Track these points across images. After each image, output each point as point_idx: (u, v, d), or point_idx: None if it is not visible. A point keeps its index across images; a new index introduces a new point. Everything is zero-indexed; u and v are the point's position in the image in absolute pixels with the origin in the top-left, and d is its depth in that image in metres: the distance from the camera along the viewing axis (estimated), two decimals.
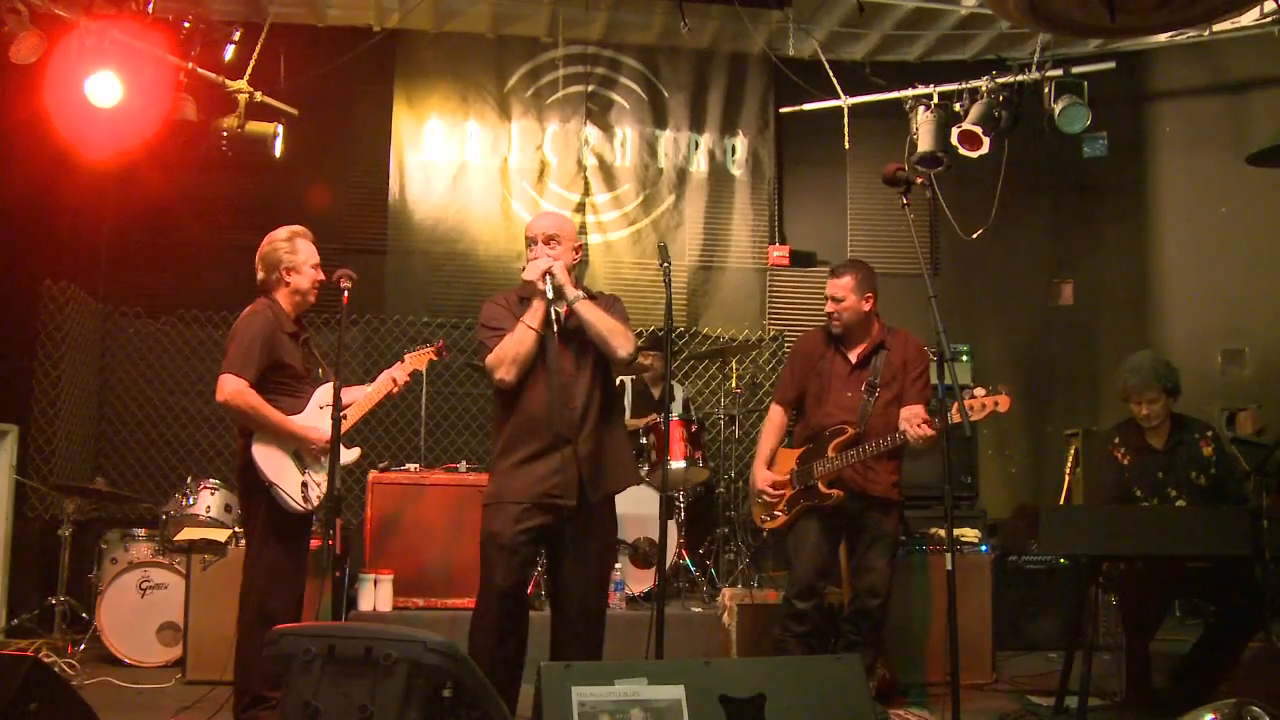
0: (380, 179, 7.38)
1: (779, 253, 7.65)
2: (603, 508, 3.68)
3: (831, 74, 6.89)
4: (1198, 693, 4.04)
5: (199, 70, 5.70)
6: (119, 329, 6.90)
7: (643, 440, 5.86)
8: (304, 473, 3.84)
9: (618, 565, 5.22)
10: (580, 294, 3.62)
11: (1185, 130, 7.43)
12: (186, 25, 5.72)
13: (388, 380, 4.15)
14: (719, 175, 7.72)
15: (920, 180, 4.07)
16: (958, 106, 6.52)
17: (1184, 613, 5.88)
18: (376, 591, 5.03)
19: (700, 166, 7.72)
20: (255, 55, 5.89)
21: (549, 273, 3.56)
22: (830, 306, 4.30)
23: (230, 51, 5.91)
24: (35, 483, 6.01)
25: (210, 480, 5.52)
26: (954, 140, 6.38)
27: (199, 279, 6.90)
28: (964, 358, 6.92)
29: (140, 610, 5.13)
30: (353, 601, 4.99)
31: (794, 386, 4.47)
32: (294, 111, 6.13)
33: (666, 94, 7.72)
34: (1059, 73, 6.45)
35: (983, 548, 5.32)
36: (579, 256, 3.77)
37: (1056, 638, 5.61)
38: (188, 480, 5.57)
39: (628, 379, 6.31)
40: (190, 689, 4.62)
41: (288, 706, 2.53)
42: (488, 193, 7.48)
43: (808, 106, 7.18)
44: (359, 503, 6.10)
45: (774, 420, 4.50)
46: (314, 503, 3.86)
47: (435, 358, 4.45)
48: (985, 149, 6.37)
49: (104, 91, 5.22)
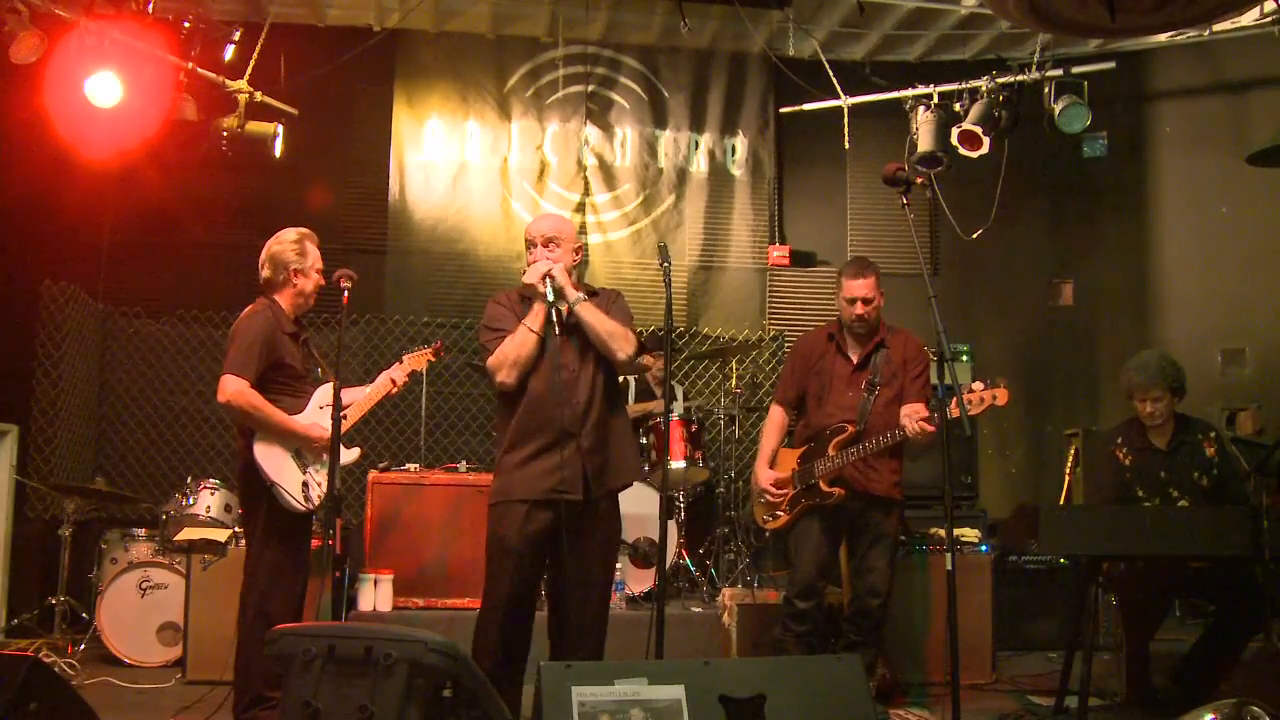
0: (380, 179, 7.38)
1: (779, 253, 7.65)
2: (607, 505, 3.68)
3: (831, 74, 6.88)
4: (1198, 693, 4.04)
5: (199, 70, 5.70)
6: (119, 329, 6.90)
7: (643, 440, 5.86)
8: (305, 472, 3.84)
9: (618, 565, 5.22)
10: (581, 296, 3.62)
11: (1185, 130, 7.43)
12: (186, 25, 5.71)
13: (386, 381, 4.17)
14: (719, 175, 7.72)
15: (920, 180, 4.09)
16: (958, 106, 6.51)
17: (1184, 613, 5.87)
18: (376, 591, 5.03)
19: (700, 166, 7.72)
20: (255, 55, 5.88)
21: (549, 275, 3.57)
22: (860, 309, 4.26)
23: (230, 51, 5.90)
24: (35, 482, 6.01)
25: (210, 480, 5.53)
26: (954, 140, 6.37)
27: (199, 279, 6.91)
28: (964, 358, 6.91)
29: (140, 610, 5.13)
30: (352, 601, 4.99)
31: (794, 386, 4.47)
32: (294, 111, 6.13)
33: (666, 94, 7.72)
34: (1059, 72, 6.44)
35: (983, 548, 5.32)
36: (579, 257, 3.77)
37: (1056, 638, 5.61)
38: (188, 480, 5.58)
39: (631, 378, 6.31)
40: (190, 689, 4.62)
41: (288, 706, 2.54)
42: (488, 193, 7.48)
43: (808, 106, 7.18)
44: (359, 502, 6.10)
45: (775, 420, 4.51)
46: (315, 502, 3.86)
47: (434, 358, 4.46)
48: (985, 149, 6.37)
49: (104, 91, 5.22)
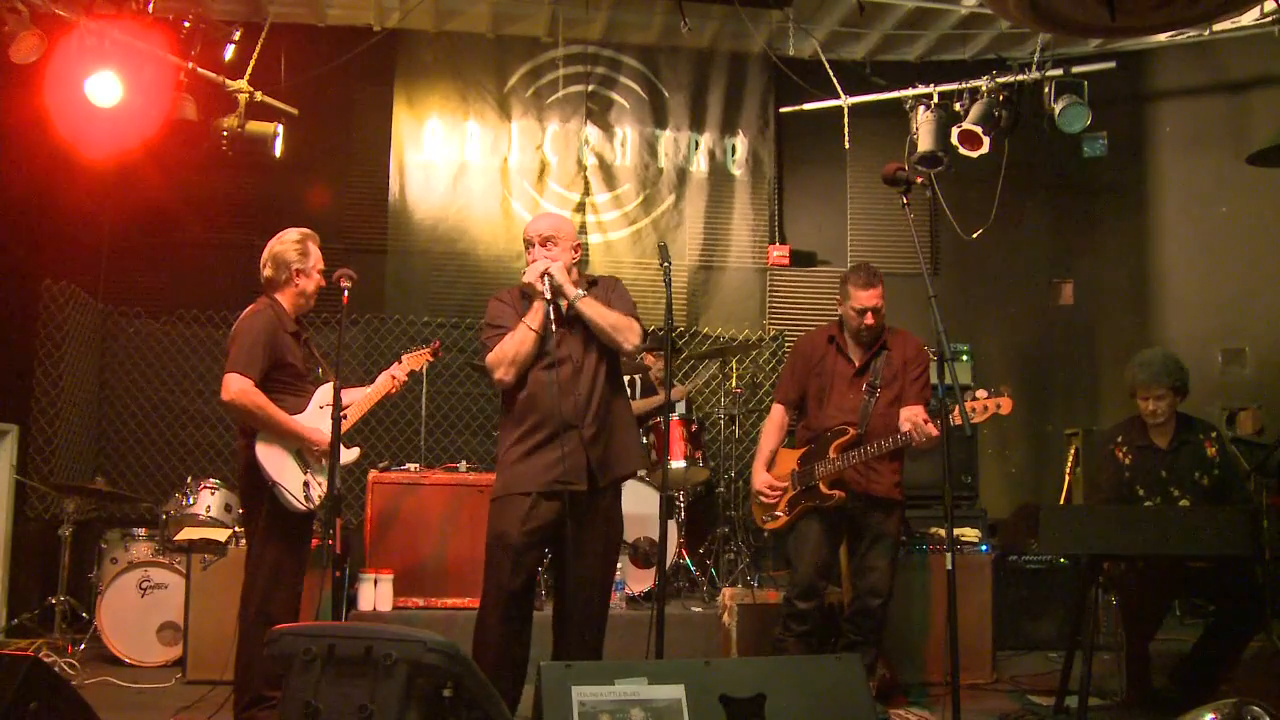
0: (380, 179, 7.38)
1: (779, 252, 7.65)
2: (609, 502, 3.67)
3: (832, 74, 6.88)
4: (1198, 692, 4.04)
5: (199, 70, 5.70)
6: (119, 329, 6.90)
7: (643, 439, 5.86)
8: (306, 472, 3.84)
9: (618, 565, 5.22)
10: (580, 292, 3.62)
11: (1185, 130, 7.43)
12: (186, 25, 5.72)
13: (388, 379, 4.18)
14: (719, 175, 7.72)
15: (920, 180, 4.08)
16: (958, 106, 6.52)
17: (1184, 612, 5.88)
18: (376, 591, 5.02)
19: (700, 166, 7.72)
20: (255, 55, 5.88)
21: (547, 274, 3.57)
22: (869, 320, 4.27)
23: (230, 51, 5.90)
24: (35, 482, 6.01)
25: (210, 480, 5.52)
26: (954, 140, 6.38)
27: (199, 279, 6.91)
28: (964, 358, 6.91)
29: (140, 610, 5.13)
30: (352, 601, 4.99)
31: (795, 387, 4.47)
32: (294, 111, 6.13)
33: (666, 94, 7.72)
34: (1059, 72, 6.45)
35: (983, 547, 5.31)
36: (578, 256, 3.77)
37: (1056, 637, 5.61)
38: (188, 480, 5.57)
39: (636, 376, 6.30)
40: (190, 689, 4.62)
41: (288, 706, 2.53)
42: (488, 192, 7.48)
43: (808, 106, 7.18)
44: (359, 502, 6.10)
45: (775, 420, 4.51)
46: (316, 502, 3.86)
47: (432, 358, 4.47)
48: (985, 149, 6.37)
49: (104, 91, 5.22)
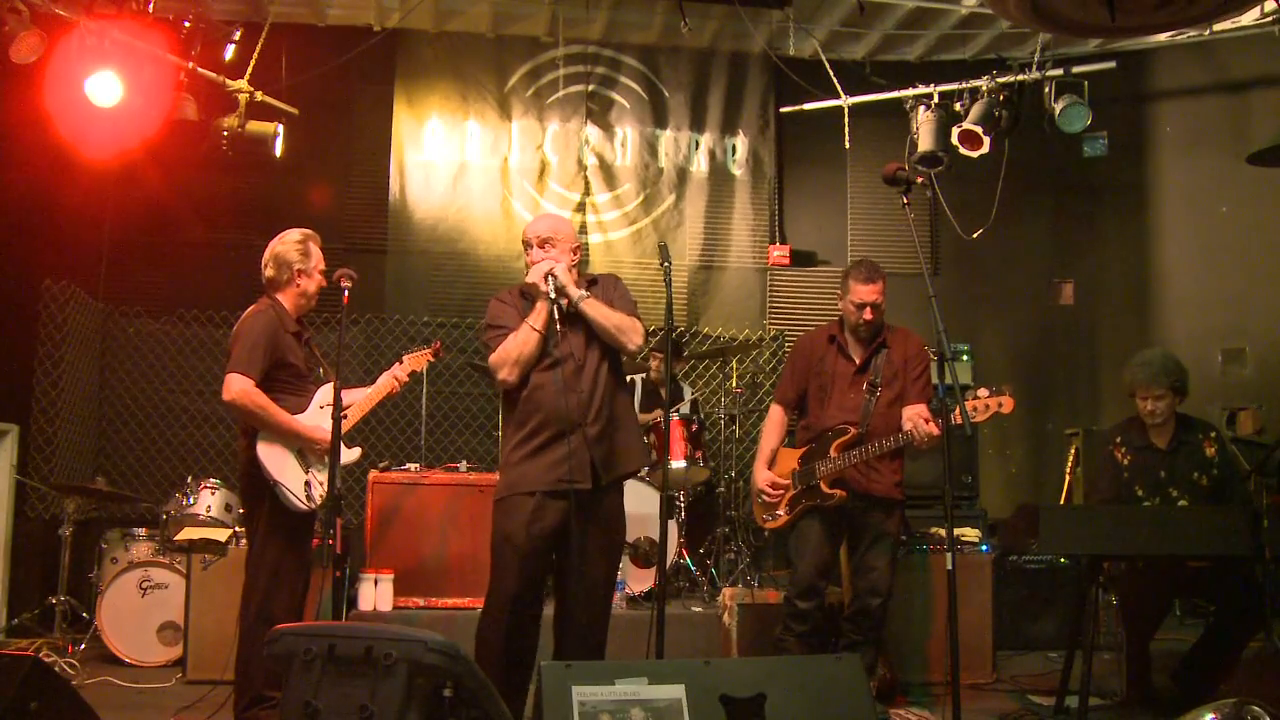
0: (381, 179, 7.38)
1: (779, 252, 7.65)
2: (612, 501, 3.67)
3: (832, 74, 6.88)
4: (1198, 692, 4.04)
5: (199, 70, 5.70)
6: (119, 328, 6.90)
7: (644, 439, 5.86)
8: (307, 471, 3.84)
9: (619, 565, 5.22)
10: (584, 293, 3.61)
11: (1185, 130, 7.43)
12: (187, 25, 5.73)
13: (390, 379, 4.18)
14: (719, 175, 7.73)
15: (921, 180, 4.08)
16: (958, 106, 6.51)
17: (1184, 612, 5.87)
18: (377, 591, 5.02)
19: (700, 166, 7.72)
20: (256, 55, 5.89)
21: (551, 274, 3.56)
22: (869, 314, 4.25)
23: (231, 51, 5.91)
24: (36, 482, 6.01)
25: (210, 480, 5.51)
26: (954, 140, 6.37)
27: (199, 278, 6.92)
28: (964, 357, 6.92)
29: (140, 610, 5.13)
30: (353, 601, 4.99)
31: (795, 386, 4.46)
32: (294, 111, 6.13)
33: (667, 94, 7.72)
34: (1059, 72, 6.44)
35: (983, 547, 5.32)
36: (578, 257, 3.75)
37: (1057, 637, 5.61)
38: (188, 480, 5.56)
39: (637, 377, 6.30)
40: (190, 688, 4.62)
41: (288, 706, 2.53)
42: (488, 192, 7.49)
43: (808, 106, 7.18)
44: (359, 502, 6.11)
45: (775, 419, 4.50)
46: (317, 501, 3.86)
47: (433, 359, 4.46)
48: (985, 149, 6.37)
49: (104, 91, 5.22)
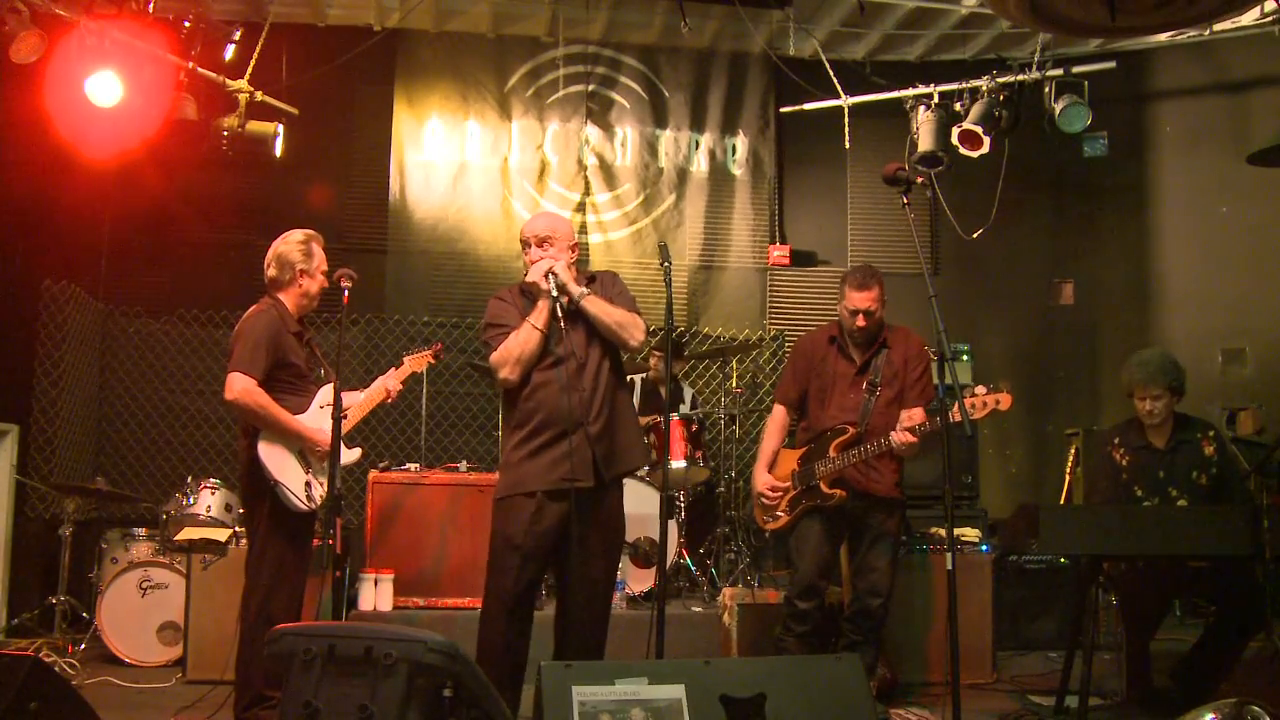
0: (380, 178, 7.38)
1: (779, 252, 7.65)
2: (613, 501, 3.67)
3: (832, 73, 6.88)
4: (1198, 692, 4.04)
5: (199, 70, 5.70)
6: (119, 328, 6.90)
7: (645, 439, 5.85)
8: (308, 471, 3.84)
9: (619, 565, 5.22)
10: (585, 290, 3.60)
11: (1185, 130, 7.43)
12: (187, 25, 5.72)
13: (381, 390, 4.18)
14: (719, 175, 7.73)
15: (921, 180, 4.08)
16: (958, 106, 6.51)
17: (1184, 612, 5.87)
18: (377, 591, 5.02)
19: (701, 166, 7.72)
20: (256, 55, 5.88)
21: (551, 272, 3.56)
22: (861, 321, 4.24)
23: (231, 51, 5.91)
24: (36, 482, 6.01)
25: (210, 480, 5.51)
26: (954, 140, 6.37)
27: (199, 278, 6.92)
28: (964, 357, 6.92)
29: (140, 610, 5.13)
30: (353, 601, 4.99)
31: (796, 386, 4.46)
32: (294, 111, 6.13)
33: (667, 93, 7.72)
34: (1059, 72, 6.44)
35: (983, 547, 5.31)
36: (575, 255, 3.74)
37: (1057, 637, 5.61)
38: (188, 480, 5.56)
39: (636, 377, 6.30)
40: (190, 688, 4.62)
41: (288, 706, 2.53)
42: (488, 192, 7.49)
43: (808, 106, 7.18)
44: (359, 502, 6.10)
45: (776, 420, 4.50)
46: (318, 501, 3.86)
47: (433, 360, 4.46)
48: (985, 149, 6.37)
49: (104, 91, 5.22)
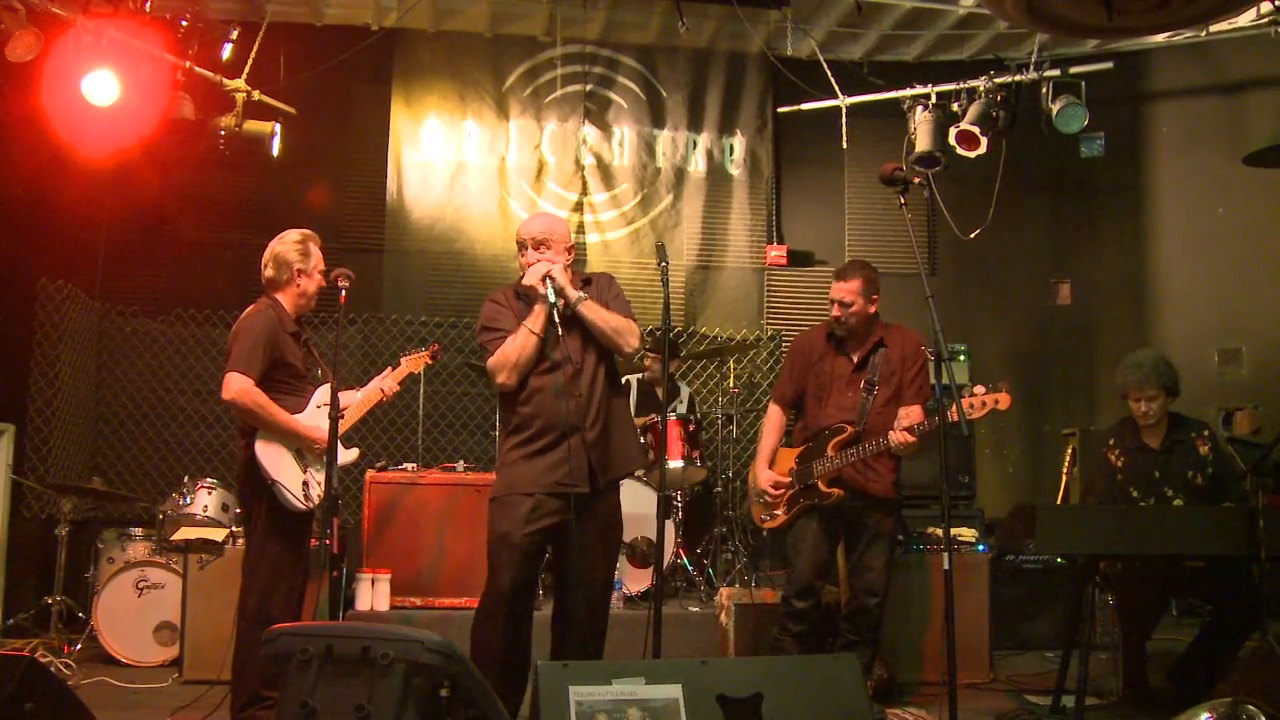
0: (378, 178, 7.38)
1: (777, 252, 7.66)
2: (610, 502, 3.67)
3: (829, 74, 6.89)
4: (1194, 692, 4.04)
5: (196, 69, 5.69)
6: (116, 328, 6.89)
7: (641, 439, 5.85)
8: (305, 471, 3.84)
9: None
10: (582, 295, 3.61)
11: (1183, 130, 7.44)
12: (184, 24, 5.71)
13: (376, 391, 4.18)
14: (717, 175, 7.73)
15: (918, 180, 4.06)
16: (955, 106, 6.52)
17: (1181, 612, 5.88)
18: (374, 591, 5.02)
19: (698, 166, 7.72)
20: (253, 54, 5.88)
21: (549, 276, 3.56)
22: (836, 311, 4.23)
23: (228, 50, 5.91)
24: (32, 482, 6.00)
25: (207, 480, 5.48)
26: (952, 140, 6.38)
27: (196, 278, 6.91)
28: (961, 357, 6.92)
29: (137, 610, 5.13)
30: (350, 601, 4.98)
31: (793, 385, 4.46)
32: (292, 110, 6.13)
33: (664, 93, 7.72)
34: (1057, 73, 6.45)
35: (980, 547, 5.31)
36: (572, 257, 3.75)
37: (1053, 637, 5.61)
38: (185, 480, 5.53)
39: (633, 378, 6.30)
40: (187, 688, 4.62)
41: (285, 706, 2.53)
42: (485, 192, 7.48)
43: (806, 106, 7.19)
44: (356, 502, 6.10)
45: (774, 419, 4.50)
46: (315, 501, 3.85)
47: (430, 361, 4.46)
48: (983, 149, 6.38)
49: (101, 90, 5.21)
